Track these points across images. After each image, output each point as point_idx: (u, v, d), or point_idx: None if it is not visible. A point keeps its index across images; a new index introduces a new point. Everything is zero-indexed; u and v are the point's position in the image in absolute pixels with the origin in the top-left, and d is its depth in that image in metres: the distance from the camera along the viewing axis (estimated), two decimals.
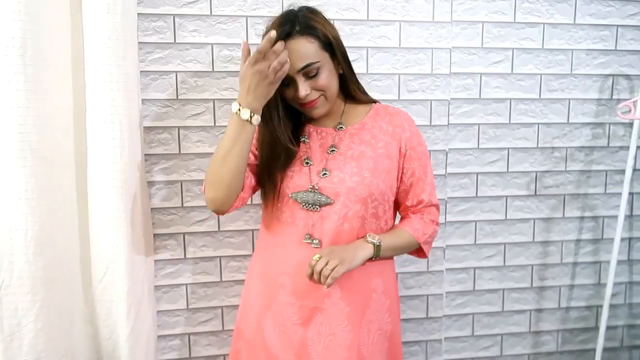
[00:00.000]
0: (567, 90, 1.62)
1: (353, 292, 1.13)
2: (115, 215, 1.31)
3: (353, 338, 1.12)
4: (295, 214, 1.13)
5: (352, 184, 1.10)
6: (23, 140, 1.23)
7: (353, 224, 1.11)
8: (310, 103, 1.09)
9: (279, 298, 1.13)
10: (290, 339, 1.12)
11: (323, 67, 1.08)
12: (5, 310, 1.29)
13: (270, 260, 1.16)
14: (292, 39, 1.05)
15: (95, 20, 1.23)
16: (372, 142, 1.15)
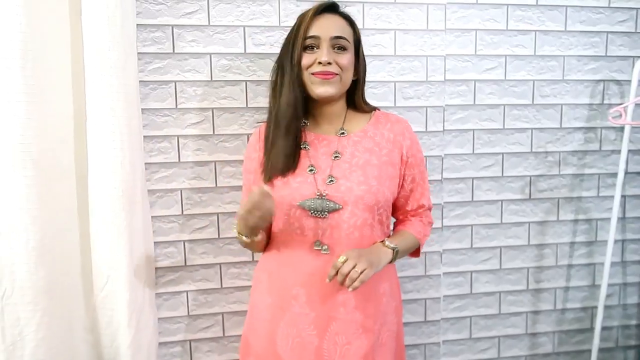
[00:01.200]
0: (559, 96, 1.63)
1: (366, 299, 1.13)
2: (116, 224, 1.31)
3: (368, 345, 1.12)
4: (303, 224, 1.12)
5: (360, 192, 1.11)
6: (24, 150, 1.23)
7: (363, 231, 1.12)
8: (327, 74, 1.09)
9: (293, 309, 1.12)
10: (306, 349, 1.12)
11: (348, 52, 1.13)
12: (7, 320, 1.29)
13: (280, 272, 1.15)
14: (336, 14, 1.14)
15: (95, 31, 1.23)
16: (375, 149, 1.16)
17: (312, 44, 1.10)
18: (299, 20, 1.13)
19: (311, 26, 1.10)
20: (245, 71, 1.43)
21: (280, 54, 1.16)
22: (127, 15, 1.27)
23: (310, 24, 1.10)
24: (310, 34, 1.10)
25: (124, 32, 1.26)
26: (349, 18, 1.16)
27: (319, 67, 1.09)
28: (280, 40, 1.41)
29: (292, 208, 1.12)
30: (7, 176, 1.22)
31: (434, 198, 1.58)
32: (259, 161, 1.17)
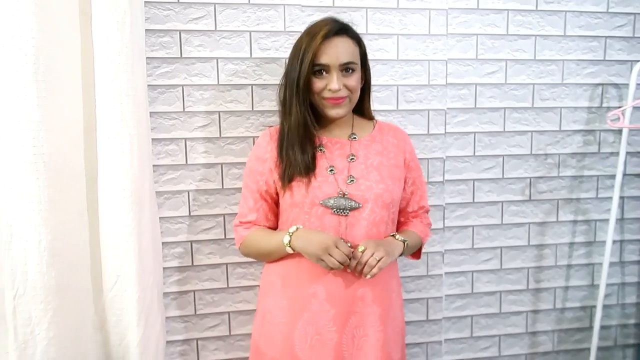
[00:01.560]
0: (558, 99, 1.65)
1: (381, 293, 1.19)
2: (125, 225, 1.33)
3: (384, 338, 1.18)
4: (324, 222, 1.15)
5: (379, 190, 1.17)
6: (36, 153, 1.25)
7: (380, 228, 1.18)
8: (338, 100, 1.15)
9: (312, 308, 1.16)
10: (326, 346, 1.15)
11: (356, 71, 1.18)
12: (20, 319, 1.31)
13: (296, 272, 1.18)
14: (344, 36, 1.16)
15: (105, 37, 1.25)
16: (384, 153, 1.23)
17: (322, 69, 1.14)
18: (306, 41, 1.14)
19: (320, 52, 1.12)
20: (251, 75, 1.46)
21: (287, 72, 1.19)
22: (136, 21, 1.29)
23: (319, 50, 1.12)
24: (320, 61, 1.13)
25: (133, 37, 1.28)
26: (354, 36, 1.19)
27: (330, 94, 1.14)
28: (285, 45, 1.46)
29: (314, 207, 1.15)
30: (20, 178, 1.24)
31: (436, 199, 1.61)
32: (273, 163, 1.20)
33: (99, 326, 1.45)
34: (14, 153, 1.24)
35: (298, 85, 1.14)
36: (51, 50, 1.25)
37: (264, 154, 1.22)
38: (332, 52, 1.13)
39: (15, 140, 1.23)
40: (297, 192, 1.16)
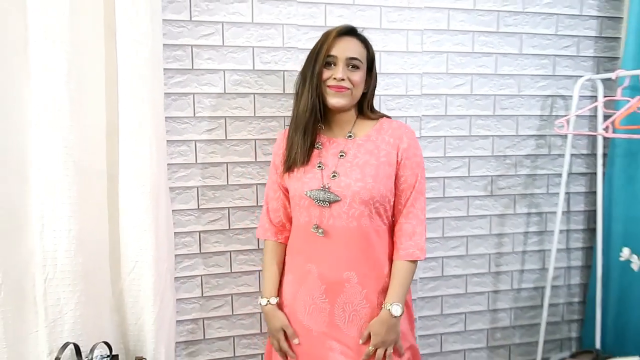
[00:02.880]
0: (515, 108, 1.89)
1: (368, 278, 1.31)
2: (144, 217, 1.48)
3: (372, 314, 1.31)
4: (310, 212, 1.31)
5: (357, 188, 1.27)
6: (67, 153, 1.39)
7: (360, 221, 1.29)
8: (340, 88, 1.28)
9: (308, 282, 1.34)
10: (321, 313, 1.33)
11: (361, 70, 1.32)
12: (50, 300, 1.44)
13: (296, 253, 1.38)
14: (353, 37, 1.33)
15: (129, 50, 1.40)
16: (375, 151, 1.32)
17: (331, 62, 1.29)
18: (322, 39, 1.31)
19: (332, 46, 1.28)
20: (253, 85, 1.64)
21: (304, 67, 1.33)
22: (156, 37, 1.45)
23: (332, 45, 1.29)
24: (331, 53, 1.28)
25: (153, 51, 1.44)
26: (364, 40, 1.35)
27: (334, 82, 1.28)
28: (283, 59, 1.65)
29: (302, 199, 1.32)
30: (53, 175, 1.38)
31: None
32: (282, 157, 1.37)
33: (116, 308, 1.60)
34: (47, 153, 1.38)
35: (312, 74, 1.28)
36: (80, 62, 1.39)
37: (279, 150, 1.41)
38: (341, 46, 1.29)
39: (49, 142, 1.37)
40: (292, 184, 1.34)
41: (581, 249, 2.05)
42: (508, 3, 1.83)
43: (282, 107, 1.67)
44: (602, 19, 1.93)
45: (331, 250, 1.30)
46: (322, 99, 1.31)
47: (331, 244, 1.30)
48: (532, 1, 1.85)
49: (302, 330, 1.35)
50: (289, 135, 1.36)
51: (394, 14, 1.72)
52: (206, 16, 1.57)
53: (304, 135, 1.31)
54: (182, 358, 1.69)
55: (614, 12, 1.93)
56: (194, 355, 1.70)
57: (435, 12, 1.76)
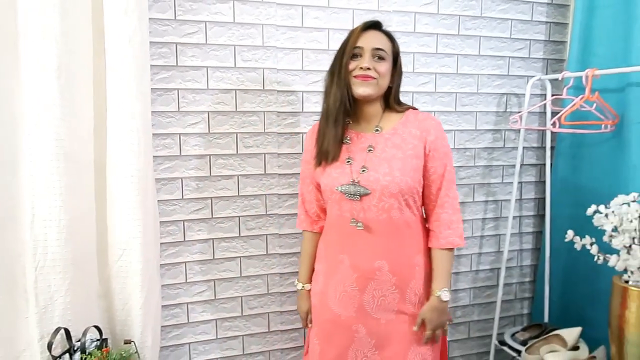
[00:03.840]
0: (474, 105, 2.06)
1: (399, 266, 1.39)
2: (133, 206, 1.54)
3: (400, 300, 1.39)
4: (342, 207, 1.38)
5: (385, 182, 1.32)
6: (58, 146, 1.44)
7: (391, 213, 1.35)
8: (366, 77, 1.32)
9: (340, 271, 1.41)
10: (351, 300, 1.40)
11: (386, 62, 1.36)
12: (40, 287, 1.49)
13: (330, 243, 1.47)
14: (378, 30, 1.39)
15: (118, 48, 1.47)
16: (402, 145, 1.36)
17: (358, 53, 1.34)
18: (348, 35, 1.38)
19: (358, 39, 1.34)
20: (235, 82, 1.73)
21: (332, 64, 1.39)
22: (144, 36, 1.52)
23: (358, 37, 1.34)
24: (357, 44, 1.34)
25: (142, 49, 1.50)
26: (389, 35, 1.40)
27: (361, 71, 1.32)
28: (263, 57, 1.74)
29: (333, 193, 1.38)
30: (45, 167, 1.43)
31: None
32: (313, 152, 1.43)
33: (103, 294, 1.66)
34: (39, 145, 1.43)
35: (340, 67, 1.34)
36: (70, 58, 1.45)
37: (309, 146, 1.48)
38: (367, 38, 1.34)
39: (42, 134, 1.43)
40: (323, 180, 1.41)
41: (532, 233, 2.25)
42: (468, 8, 1.98)
43: (262, 103, 1.76)
44: (550, 24, 2.12)
45: (363, 241, 1.38)
46: (349, 91, 1.34)
47: (363, 236, 1.37)
48: (489, 7, 2.02)
49: (332, 316, 1.44)
50: (320, 129, 1.40)
51: (365, 17, 1.84)
52: (190, 15, 1.65)
53: (335, 126, 1.35)
54: (167, 341, 1.76)
55: (560, 19, 2.13)
56: (178, 338, 1.79)
57: (402, 16, 1.90)
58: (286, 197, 1.84)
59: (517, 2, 2.05)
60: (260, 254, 1.84)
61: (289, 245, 1.87)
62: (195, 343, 1.81)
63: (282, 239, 1.86)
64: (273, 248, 1.85)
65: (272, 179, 1.82)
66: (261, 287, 1.86)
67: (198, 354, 1.81)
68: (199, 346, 1.81)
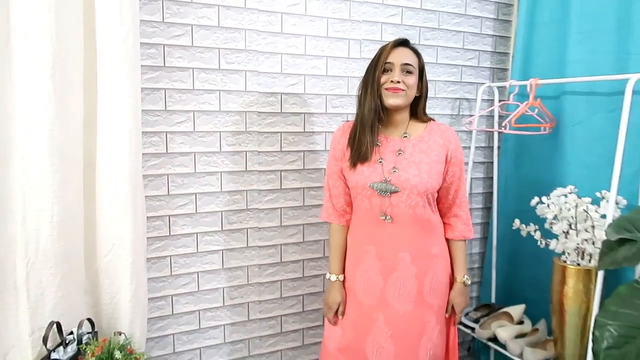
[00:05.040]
0: (432, 108, 2.22)
1: (419, 257, 1.54)
2: (123, 202, 1.58)
3: (418, 289, 1.54)
4: (372, 202, 1.52)
5: (415, 182, 1.49)
6: (52, 143, 1.46)
7: (416, 210, 1.51)
8: (396, 90, 1.49)
9: (365, 261, 1.55)
10: (374, 288, 1.54)
11: (414, 75, 1.53)
12: (32, 282, 1.49)
13: (357, 236, 1.60)
14: (406, 47, 1.55)
15: (111, 49, 1.50)
16: (428, 151, 1.54)
17: (389, 68, 1.50)
18: (380, 51, 1.54)
19: (389, 55, 1.51)
20: (219, 83, 1.80)
21: (365, 76, 1.56)
22: (136, 37, 1.56)
23: (389, 54, 1.51)
24: (388, 60, 1.50)
25: (134, 49, 1.55)
26: (416, 51, 1.56)
27: (391, 84, 1.49)
28: (245, 60, 1.83)
29: (365, 189, 1.52)
30: (39, 163, 1.44)
31: None
32: (342, 150, 1.57)
33: (90, 289, 1.68)
34: (34, 142, 1.44)
35: (373, 80, 1.50)
36: (63, 58, 1.46)
37: (338, 144, 1.61)
38: (396, 54, 1.51)
39: (36, 131, 1.44)
40: (356, 176, 1.54)
41: (480, 224, 2.48)
42: (427, 21, 2.18)
43: (244, 103, 1.85)
44: (496, 38, 2.37)
45: (389, 234, 1.52)
46: (381, 102, 1.51)
47: (390, 228, 1.52)
48: (444, 20, 2.22)
49: (356, 303, 1.57)
50: (355, 134, 1.54)
51: (338, 25, 1.99)
52: (177, 19, 1.71)
53: (371, 132, 1.51)
54: (152, 333, 1.81)
55: (504, 33, 2.38)
56: (163, 329, 1.84)
57: (371, 25, 2.06)
58: (266, 193, 1.94)
59: (468, 16, 2.28)
60: (241, 247, 1.93)
61: (267, 238, 1.97)
62: (179, 334, 1.86)
63: (262, 232, 1.96)
64: (253, 241, 1.95)
65: (253, 175, 1.91)
66: (241, 278, 1.95)
67: (182, 344, 1.87)
68: (183, 336, 1.87)
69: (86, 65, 1.56)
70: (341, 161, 1.60)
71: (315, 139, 2.01)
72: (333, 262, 1.65)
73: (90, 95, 1.57)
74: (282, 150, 1.95)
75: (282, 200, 1.97)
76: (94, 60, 1.55)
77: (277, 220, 1.98)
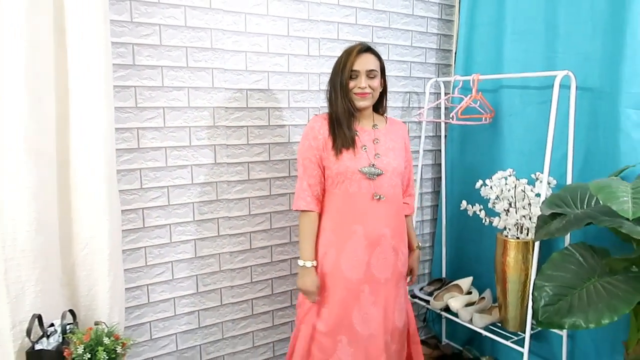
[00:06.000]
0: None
1: (396, 232, 1.74)
2: (100, 197, 1.61)
3: (394, 261, 1.74)
4: (361, 185, 1.66)
5: (395, 165, 1.71)
6: (26, 142, 1.46)
7: (395, 190, 1.73)
8: (364, 94, 1.66)
9: (353, 240, 1.67)
10: (361, 263, 1.68)
11: (377, 77, 1.69)
12: (10, 278, 1.49)
13: (342, 218, 1.68)
14: (371, 53, 1.69)
15: (86, 49, 1.52)
16: (395, 139, 1.77)
17: (355, 75, 1.65)
18: (345, 56, 1.66)
19: (354, 63, 1.64)
20: (187, 80, 1.85)
21: (332, 76, 1.70)
22: (107, 36, 1.59)
23: (354, 61, 1.64)
24: (354, 68, 1.64)
25: (106, 50, 1.58)
26: (377, 54, 1.71)
27: (359, 90, 1.66)
28: (212, 58, 1.89)
29: (355, 174, 1.66)
30: (15, 163, 1.44)
31: None
32: (324, 140, 1.67)
33: (67, 282, 1.70)
34: (9, 142, 1.44)
35: (342, 85, 1.65)
36: (35, 60, 1.47)
37: (318, 135, 1.68)
38: (361, 62, 1.65)
39: (11, 131, 1.44)
40: (343, 163, 1.65)
41: (430, 207, 2.67)
42: (379, 21, 2.31)
43: (211, 99, 1.91)
44: (440, 36, 2.54)
45: (374, 213, 1.68)
46: (352, 104, 1.68)
47: (375, 207, 1.68)
48: (395, 20, 2.37)
49: (342, 280, 1.68)
50: (335, 130, 1.67)
51: (298, 25, 2.08)
52: (145, 18, 1.74)
53: (348, 128, 1.67)
54: (129, 322, 1.84)
55: (448, 31, 2.56)
56: (140, 317, 1.88)
57: (328, 25, 2.16)
58: (234, 184, 2.02)
59: (415, 17, 2.44)
60: (213, 236, 1.99)
61: (237, 226, 2.05)
62: (155, 321, 1.91)
63: (232, 221, 2.03)
64: (224, 230, 2.02)
65: (222, 167, 1.98)
66: (214, 266, 2.02)
67: (158, 330, 1.92)
68: (159, 323, 1.92)
69: (57, 65, 1.57)
70: (323, 151, 1.69)
71: (280, 131, 2.10)
72: (308, 249, 1.69)
73: (61, 93, 1.58)
74: (249, 143, 2.02)
75: (250, 191, 2.06)
76: (64, 59, 1.57)
77: (246, 210, 2.06)
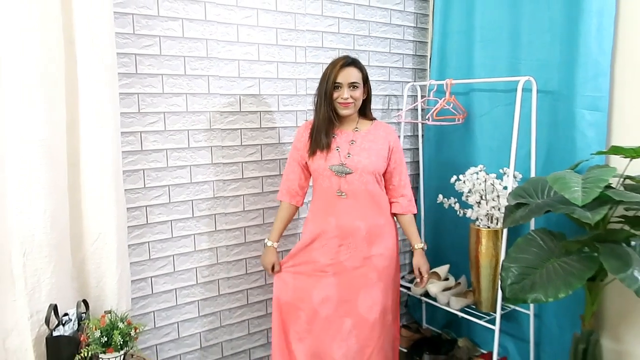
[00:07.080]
0: None
1: (371, 225, 1.86)
2: (108, 194, 1.72)
3: (367, 252, 1.85)
4: (331, 181, 1.84)
5: (365, 163, 1.82)
6: (43, 145, 1.56)
7: (367, 187, 1.84)
8: (346, 104, 1.81)
9: (327, 229, 1.84)
10: (330, 250, 1.84)
11: (359, 88, 1.83)
12: (28, 271, 1.60)
13: (319, 209, 1.89)
14: (353, 66, 1.83)
15: (94, 60, 1.63)
16: (375, 141, 1.88)
17: (338, 86, 1.80)
18: (330, 68, 1.81)
19: (337, 75, 1.79)
20: (185, 87, 1.97)
21: (319, 87, 1.85)
22: (114, 47, 1.71)
23: (337, 74, 1.79)
24: (337, 81, 1.79)
25: (112, 59, 1.69)
26: (360, 66, 1.84)
27: (342, 100, 1.80)
28: (208, 67, 2.02)
29: (326, 171, 1.83)
30: (32, 164, 1.55)
31: None
32: (304, 142, 1.87)
33: (76, 275, 1.81)
34: (28, 145, 1.55)
35: (325, 94, 1.80)
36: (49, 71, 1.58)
37: (302, 137, 1.91)
38: (344, 75, 1.79)
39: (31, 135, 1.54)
40: (316, 162, 1.85)
41: None
42: (360, 29, 2.47)
43: (208, 104, 2.04)
44: (416, 43, 2.71)
45: (347, 207, 1.83)
46: (334, 111, 1.83)
47: (347, 203, 1.82)
48: (374, 29, 2.53)
49: (311, 262, 1.85)
50: (314, 132, 1.85)
51: (286, 34, 2.22)
52: (146, 30, 1.86)
53: (325, 134, 1.84)
54: (134, 312, 1.96)
55: (423, 38, 2.73)
56: (145, 307, 1.99)
57: (313, 34, 2.31)
58: (230, 182, 2.15)
59: (393, 25, 2.60)
60: (210, 231, 2.12)
61: (233, 222, 2.18)
62: (158, 310, 2.03)
63: (228, 217, 2.16)
64: (220, 225, 2.15)
65: (218, 167, 2.11)
66: (212, 259, 2.14)
67: (161, 319, 2.04)
68: (162, 313, 2.04)
69: (67, 74, 1.68)
70: (303, 151, 1.90)
71: (270, 133, 2.24)
72: (274, 232, 1.96)
73: (71, 101, 1.69)
74: (242, 144, 2.16)
75: (244, 188, 2.19)
76: (74, 69, 1.68)
77: (241, 206, 2.19)
